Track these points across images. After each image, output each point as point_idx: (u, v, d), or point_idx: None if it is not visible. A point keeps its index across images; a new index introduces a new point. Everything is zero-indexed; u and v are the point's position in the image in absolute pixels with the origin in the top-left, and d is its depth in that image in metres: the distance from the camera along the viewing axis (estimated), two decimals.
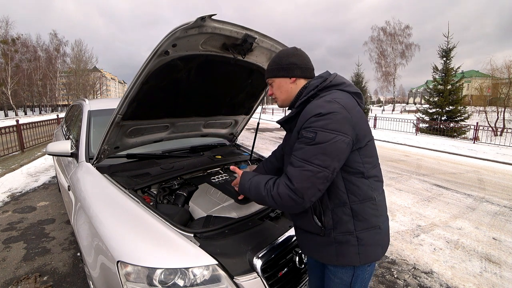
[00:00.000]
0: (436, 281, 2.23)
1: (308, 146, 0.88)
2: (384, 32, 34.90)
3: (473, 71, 40.94)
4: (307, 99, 0.99)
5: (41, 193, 4.16)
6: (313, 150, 0.87)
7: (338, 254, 0.99)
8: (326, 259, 1.02)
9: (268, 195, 0.95)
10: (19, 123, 7.21)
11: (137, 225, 1.24)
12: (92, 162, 1.83)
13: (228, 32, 1.36)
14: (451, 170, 5.96)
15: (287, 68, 1.04)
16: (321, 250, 1.02)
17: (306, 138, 0.88)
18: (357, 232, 0.97)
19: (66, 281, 2.12)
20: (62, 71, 36.28)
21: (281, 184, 0.92)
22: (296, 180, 0.88)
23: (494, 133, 11.33)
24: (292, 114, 1.03)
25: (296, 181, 0.88)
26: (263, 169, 1.44)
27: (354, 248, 0.97)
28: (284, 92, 1.07)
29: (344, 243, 0.97)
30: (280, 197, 0.91)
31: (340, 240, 0.97)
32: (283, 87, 1.07)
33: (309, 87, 1.00)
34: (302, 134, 0.90)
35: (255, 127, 2.02)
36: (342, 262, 0.99)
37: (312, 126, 0.88)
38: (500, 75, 14.81)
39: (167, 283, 1.03)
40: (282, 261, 1.27)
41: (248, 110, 2.47)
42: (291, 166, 0.92)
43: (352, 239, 0.97)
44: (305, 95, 1.00)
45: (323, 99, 0.94)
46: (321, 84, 0.99)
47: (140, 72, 1.37)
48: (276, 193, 0.92)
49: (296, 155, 0.91)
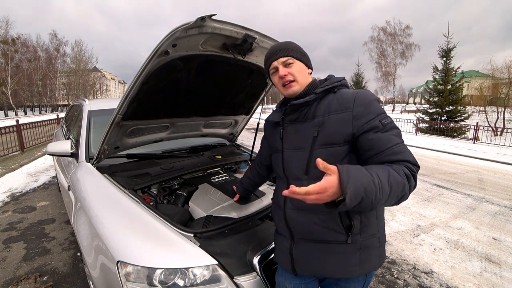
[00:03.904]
0: (436, 281, 2.23)
1: (396, 129, 0.88)
2: (384, 32, 34.89)
3: (473, 71, 40.95)
4: (332, 88, 0.94)
5: (41, 193, 4.16)
6: (396, 130, 0.87)
7: (362, 262, 0.91)
8: (345, 272, 0.91)
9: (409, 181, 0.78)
10: (19, 123, 7.21)
11: (137, 225, 1.24)
12: (92, 162, 1.83)
13: (228, 32, 1.36)
14: (451, 170, 5.96)
15: (308, 58, 1.01)
16: (341, 261, 0.91)
17: (389, 123, 0.87)
18: (379, 233, 0.94)
19: (66, 281, 2.12)
20: (62, 71, 36.27)
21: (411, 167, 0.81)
22: (413, 157, 0.84)
23: (494, 133, 11.33)
24: (310, 99, 0.93)
25: (414, 158, 0.84)
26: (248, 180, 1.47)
27: (376, 251, 0.93)
28: (303, 77, 0.98)
29: (369, 248, 0.92)
30: (415, 180, 0.81)
31: (366, 245, 0.91)
32: (303, 72, 0.98)
33: (332, 79, 0.97)
34: (383, 123, 0.86)
35: (255, 127, 2.02)
36: (366, 269, 0.92)
37: (382, 112, 0.88)
38: (500, 75, 14.81)
39: (167, 283, 1.03)
40: None
41: (248, 110, 2.47)
42: (402, 151, 0.83)
43: (375, 242, 0.93)
44: (328, 84, 0.95)
45: (356, 90, 0.94)
46: (341, 81, 0.97)
47: (140, 72, 1.37)
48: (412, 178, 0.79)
49: (398, 141, 0.84)
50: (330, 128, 0.89)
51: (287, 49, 0.97)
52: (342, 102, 0.90)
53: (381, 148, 0.83)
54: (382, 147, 0.83)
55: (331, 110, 0.90)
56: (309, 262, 0.95)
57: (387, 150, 0.82)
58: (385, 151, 0.83)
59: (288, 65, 0.96)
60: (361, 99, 0.88)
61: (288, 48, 0.98)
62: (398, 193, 0.75)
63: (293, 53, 0.97)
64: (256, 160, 1.42)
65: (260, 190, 1.72)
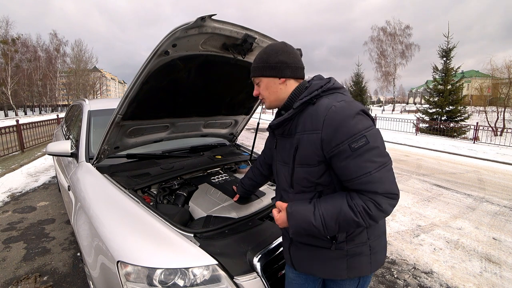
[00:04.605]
0: (436, 281, 2.23)
1: (369, 152, 0.79)
2: (384, 32, 34.91)
3: (473, 71, 40.95)
4: (310, 99, 0.88)
5: (41, 193, 4.16)
6: (375, 152, 0.79)
7: (349, 267, 0.92)
8: (332, 274, 0.94)
9: (363, 218, 0.79)
10: (19, 123, 7.21)
11: (137, 225, 1.24)
12: (92, 162, 1.83)
13: (228, 32, 1.36)
14: (451, 170, 5.96)
15: (275, 67, 0.93)
16: (329, 265, 0.93)
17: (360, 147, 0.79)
18: (370, 241, 0.92)
19: (66, 281, 2.12)
20: (62, 71, 36.26)
21: (378, 199, 0.78)
22: (392, 187, 0.79)
23: (494, 133, 11.34)
24: (289, 115, 0.91)
25: (393, 189, 0.79)
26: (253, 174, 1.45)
27: (367, 258, 0.93)
28: (273, 93, 0.97)
29: (357, 255, 0.91)
30: (384, 211, 0.79)
31: (354, 252, 0.91)
32: (271, 88, 0.96)
33: (312, 87, 0.91)
34: (352, 148, 0.78)
35: (255, 127, 2.02)
36: (353, 274, 0.93)
37: (355, 132, 0.79)
38: (500, 75, 14.80)
39: (167, 283, 1.03)
40: (282, 261, 1.27)
41: (248, 110, 2.47)
42: (372, 183, 0.78)
43: (366, 250, 0.92)
44: (306, 95, 0.89)
45: (337, 100, 0.85)
46: (325, 85, 0.90)
47: (140, 72, 1.37)
48: (377, 210, 0.79)
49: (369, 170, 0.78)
50: (304, 149, 0.88)
51: (253, 69, 0.99)
52: (313, 120, 0.85)
53: (348, 176, 0.81)
54: (350, 175, 0.80)
55: (305, 128, 0.88)
56: (302, 261, 1.00)
57: (355, 180, 0.80)
58: (353, 180, 0.80)
59: (257, 85, 1.01)
60: (331, 119, 0.81)
61: (254, 68, 0.99)
62: (347, 229, 0.85)
63: (256, 73, 0.98)
64: (259, 158, 1.43)
65: (260, 190, 1.72)
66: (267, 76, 0.96)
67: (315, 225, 0.83)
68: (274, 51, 0.94)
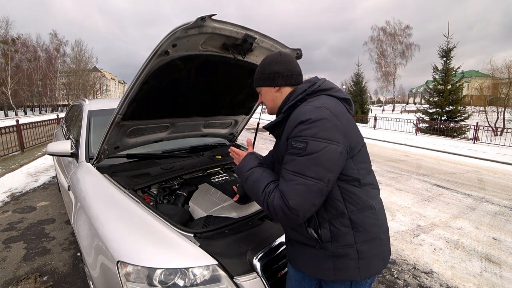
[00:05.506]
0: (436, 281, 2.23)
1: (299, 157, 0.83)
2: (384, 32, 34.92)
3: (473, 71, 40.97)
4: (295, 103, 0.95)
5: (41, 193, 4.16)
6: (304, 161, 0.82)
7: (336, 269, 0.92)
8: (321, 274, 0.95)
9: (264, 201, 0.90)
10: (19, 123, 7.21)
11: (137, 225, 1.24)
12: (92, 162, 1.83)
13: (228, 32, 1.36)
14: (451, 170, 5.96)
15: (270, 77, 1.02)
16: (316, 264, 0.96)
17: (296, 148, 0.84)
18: (358, 245, 0.91)
19: (66, 281, 2.12)
20: (62, 71, 36.27)
21: (276, 197, 0.86)
22: (289, 196, 0.82)
23: (494, 133, 11.34)
24: (279, 119, 0.99)
25: (289, 198, 0.82)
26: None
27: (354, 262, 0.91)
28: (270, 101, 1.07)
29: (343, 257, 0.91)
30: (275, 209, 0.86)
31: (339, 253, 0.91)
32: (268, 96, 1.06)
33: (297, 91, 0.97)
34: (292, 145, 0.86)
35: (255, 127, 2.02)
36: (340, 277, 0.93)
37: (301, 135, 0.83)
38: (500, 75, 14.80)
39: (167, 283, 1.03)
40: (283, 261, 1.27)
41: (248, 110, 2.47)
42: (282, 180, 0.86)
43: (352, 252, 0.91)
44: (292, 99, 0.96)
45: (311, 104, 0.90)
46: (309, 88, 0.95)
47: (140, 72, 1.37)
48: (272, 203, 0.86)
49: (287, 168, 0.86)
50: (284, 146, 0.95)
51: (254, 80, 1.10)
52: (290, 123, 0.91)
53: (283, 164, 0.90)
54: (284, 164, 0.89)
55: (287, 129, 0.93)
56: (295, 259, 1.04)
57: (283, 169, 0.89)
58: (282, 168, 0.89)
59: (260, 93, 1.11)
60: (292, 118, 0.90)
61: (254, 79, 1.10)
62: (254, 197, 0.97)
63: (256, 83, 1.09)
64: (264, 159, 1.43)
65: None
66: (264, 86, 1.06)
67: (246, 177, 1.01)
68: (268, 63, 1.04)
